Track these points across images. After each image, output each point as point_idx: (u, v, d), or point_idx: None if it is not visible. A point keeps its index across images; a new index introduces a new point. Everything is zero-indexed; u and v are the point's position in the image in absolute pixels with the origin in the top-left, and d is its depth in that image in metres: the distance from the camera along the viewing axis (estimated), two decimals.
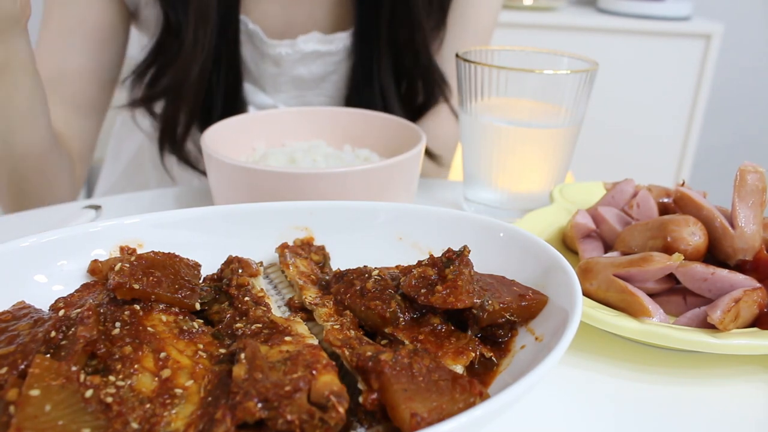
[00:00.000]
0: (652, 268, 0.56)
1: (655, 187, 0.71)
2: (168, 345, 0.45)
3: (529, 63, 0.82)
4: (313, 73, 1.10)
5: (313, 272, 0.57)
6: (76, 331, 0.43)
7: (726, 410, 0.52)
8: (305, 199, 0.66)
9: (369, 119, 0.90)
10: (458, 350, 0.47)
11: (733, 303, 0.53)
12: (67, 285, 0.52)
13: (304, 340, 0.45)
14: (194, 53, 0.94)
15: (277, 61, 1.07)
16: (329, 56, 1.08)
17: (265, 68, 1.08)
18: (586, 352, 0.57)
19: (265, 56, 1.07)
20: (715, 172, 2.53)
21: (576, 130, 0.82)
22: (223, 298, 0.53)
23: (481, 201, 0.86)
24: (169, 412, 0.40)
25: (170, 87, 0.98)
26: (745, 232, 0.59)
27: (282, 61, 1.07)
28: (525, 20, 2.27)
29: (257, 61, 1.08)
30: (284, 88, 1.11)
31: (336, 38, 1.06)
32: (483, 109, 0.81)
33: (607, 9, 2.41)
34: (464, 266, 0.50)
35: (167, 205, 0.88)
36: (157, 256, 0.52)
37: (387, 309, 0.49)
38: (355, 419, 0.42)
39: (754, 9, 2.65)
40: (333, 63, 1.09)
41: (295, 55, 1.06)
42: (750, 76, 2.73)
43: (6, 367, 0.40)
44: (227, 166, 0.70)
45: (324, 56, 1.08)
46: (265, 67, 1.08)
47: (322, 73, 1.10)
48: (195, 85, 0.97)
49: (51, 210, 0.85)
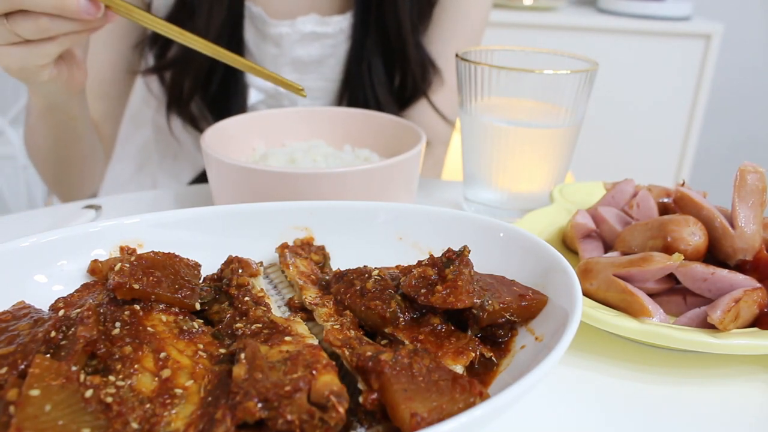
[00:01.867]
0: (652, 268, 0.56)
1: (655, 187, 0.71)
2: (168, 345, 0.45)
3: (529, 63, 0.82)
4: (312, 56, 1.14)
5: (313, 272, 0.58)
6: (76, 331, 0.43)
7: (726, 410, 0.52)
8: (305, 199, 0.66)
9: (369, 119, 0.90)
10: (458, 350, 0.47)
11: (733, 303, 0.53)
12: (67, 285, 0.52)
13: (304, 340, 0.45)
14: (205, 32, 1.03)
15: (277, 41, 1.11)
16: (326, 38, 1.13)
17: (266, 49, 1.13)
18: (586, 352, 0.57)
19: (267, 37, 1.12)
20: (715, 172, 2.53)
21: (576, 131, 0.82)
22: (223, 298, 0.53)
23: (481, 201, 0.86)
24: (169, 412, 0.40)
25: (179, 59, 1.08)
26: (745, 232, 0.59)
27: (282, 42, 1.11)
28: (525, 20, 2.27)
29: (258, 43, 1.13)
30: (284, 70, 1.15)
31: (333, 20, 1.12)
32: (483, 109, 0.81)
33: (607, 9, 2.41)
34: (464, 266, 0.50)
35: (167, 205, 0.88)
36: (157, 256, 0.52)
37: (387, 309, 0.49)
38: (355, 419, 0.42)
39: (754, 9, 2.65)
40: (330, 46, 1.14)
41: (295, 35, 1.11)
42: (750, 76, 2.73)
43: (6, 367, 0.40)
44: (227, 166, 0.70)
45: (321, 38, 1.13)
46: (266, 48, 1.13)
47: (319, 56, 1.15)
48: (200, 59, 1.05)
49: (51, 210, 0.85)
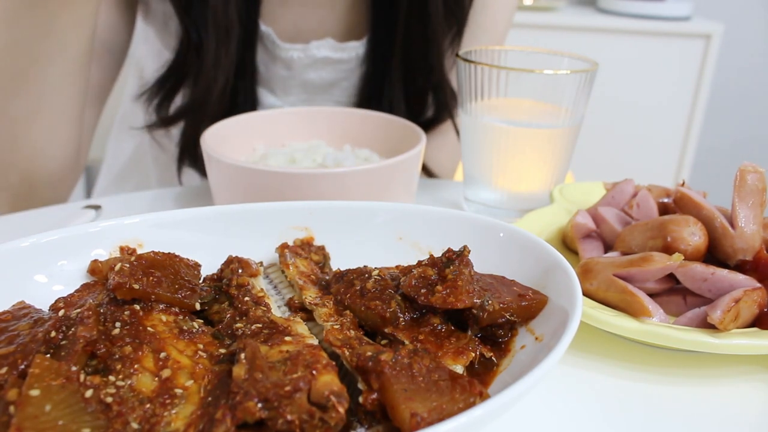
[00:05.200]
0: (652, 268, 0.56)
1: (655, 187, 0.71)
2: (168, 345, 0.45)
3: (529, 63, 0.82)
4: (324, 79, 1.08)
5: (313, 272, 0.57)
6: (76, 331, 0.43)
7: (726, 410, 0.52)
8: (305, 199, 0.66)
9: (369, 119, 0.90)
10: (458, 350, 0.47)
11: (733, 303, 0.53)
12: (67, 285, 0.52)
13: (304, 340, 0.45)
14: (215, 73, 0.92)
15: (288, 64, 1.06)
16: (341, 64, 1.07)
17: (275, 71, 1.07)
18: (586, 352, 0.57)
19: (276, 59, 1.06)
20: (715, 172, 2.53)
21: (576, 131, 0.82)
22: (223, 298, 0.53)
23: (481, 201, 0.86)
24: (169, 412, 0.40)
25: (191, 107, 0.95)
26: (745, 232, 0.59)
27: (293, 65, 1.06)
28: (525, 20, 2.27)
29: (267, 64, 1.07)
30: (294, 91, 1.10)
31: (349, 47, 1.05)
32: (483, 109, 0.81)
33: (607, 9, 2.41)
34: (464, 266, 0.50)
35: (167, 205, 0.88)
36: (157, 256, 0.52)
37: (387, 309, 0.49)
38: (355, 419, 0.42)
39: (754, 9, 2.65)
40: (344, 71, 1.08)
41: (307, 59, 1.05)
42: (750, 76, 2.73)
43: (6, 367, 0.40)
44: (227, 166, 0.70)
45: (335, 63, 1.07)
46: (275, 69, 1.07)
47: (332, 80, 1.09)
48: (217, 103, 0.94)
49: (51, 210, 0.85)
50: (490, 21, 1.09)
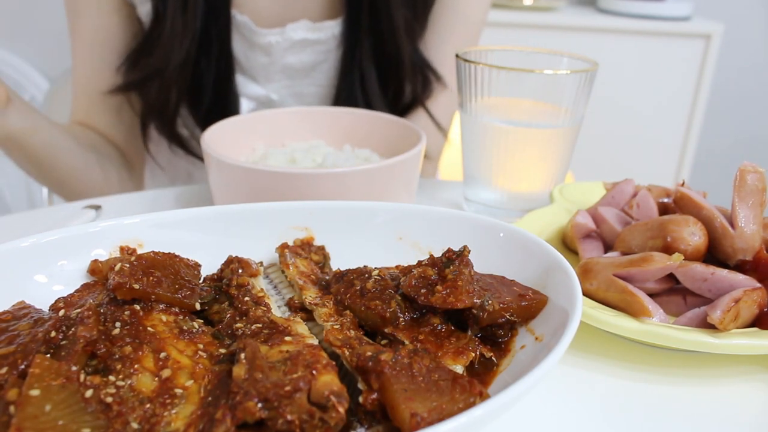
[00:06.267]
0: (652, 268, 0.56)
1: (655, 187, 0.71)
2: (168, 345, 0.45)
3: (529, 63, 0.82)
4: (304, 62, 1.11)
5: (313, 272, 0.57)
6: (76, 331, 0.43)
7: (726, 410, 0.52)
8: (305, 199, 0.66)
9: (369, 119, 0.90)
10: (458, 350, 0.47)
11: (733, 303, 0.53)
12: (67, 285, 0.52)
13: (304, 340, 0.45)
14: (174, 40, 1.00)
15: (267, 50, 1.08)
16: (318, 45, 1.10)
17: (255, 58, 1.10)
18: (586, 352, 0.57)
19: (255, 46, 1.08)
20: (715, 172, 2.53)
21: (576, 131, 0.82)
22: (223, 298, 0.53)
23: (481, 201, 0.86)
24: (169, 412, 0.40)
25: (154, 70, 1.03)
26: (745, 232, 0.59)
27: (272, 50, 1.08)
28: (525, 20, 2.26)
29: (247, 53, 1.10)
30: (276, 77, 1.12)
31: (324, 26, 1.08)
32: (483, 109, 0.81)
33: (607, 9, 2.41)
34: (464, 266, 0.50)
35: (167, 205, 0.88)
36: (157, 256, 0.52)
37: (387, 309, 0.49)
38: (355, 419, 0.42)
39: (754, 9, 2.65)
40: (323, 52, 1.11)
41: (285, 43, 1.07)
42: (750, 76, 2.73)
43: (6, 367, 0.40)
44: (227, 166, 0.70)
45: (313, 44, 1.09)
46: (255, 57, 1.10)
47: (312, 62, 1.11)
48: (179, 69, 1.02)
49: (51, 210, 0.85)
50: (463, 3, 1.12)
